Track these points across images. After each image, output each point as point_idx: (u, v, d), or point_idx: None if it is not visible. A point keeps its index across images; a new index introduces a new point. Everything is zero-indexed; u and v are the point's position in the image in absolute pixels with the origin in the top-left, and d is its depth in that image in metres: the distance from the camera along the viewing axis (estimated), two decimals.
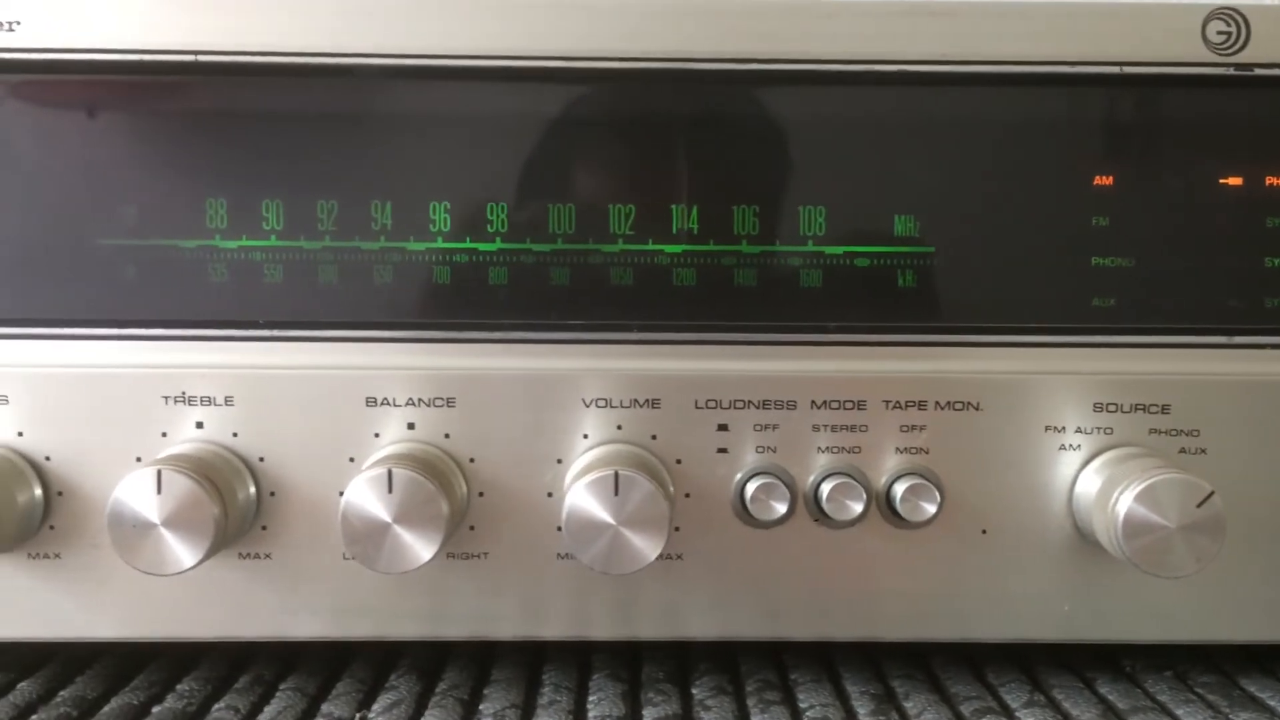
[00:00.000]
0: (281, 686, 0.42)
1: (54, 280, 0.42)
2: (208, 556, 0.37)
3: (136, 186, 0.43)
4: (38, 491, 0.40)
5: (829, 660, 0.45)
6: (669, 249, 0.44)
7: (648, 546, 0.37)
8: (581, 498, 0.37)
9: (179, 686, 0.42)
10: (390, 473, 0.37)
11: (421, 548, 0.37)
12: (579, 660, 0.45)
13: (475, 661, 0.44)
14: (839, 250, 0.44)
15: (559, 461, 0.41)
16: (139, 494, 0.37)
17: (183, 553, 0.37)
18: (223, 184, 0.43)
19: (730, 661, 0.45)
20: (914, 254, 0.43)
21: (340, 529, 0.37)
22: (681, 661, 0.45)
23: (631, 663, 0.44)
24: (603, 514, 0.37)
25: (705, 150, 0.44)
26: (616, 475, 0.37)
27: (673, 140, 0.44)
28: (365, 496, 0.37)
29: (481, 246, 0.44)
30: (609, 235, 0.43)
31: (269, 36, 0.40)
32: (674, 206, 0.44)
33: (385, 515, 0.37)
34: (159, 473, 0.37)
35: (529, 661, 0.45)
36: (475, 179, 0.44)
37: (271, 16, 0.40)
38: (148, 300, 0.42)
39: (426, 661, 0.44)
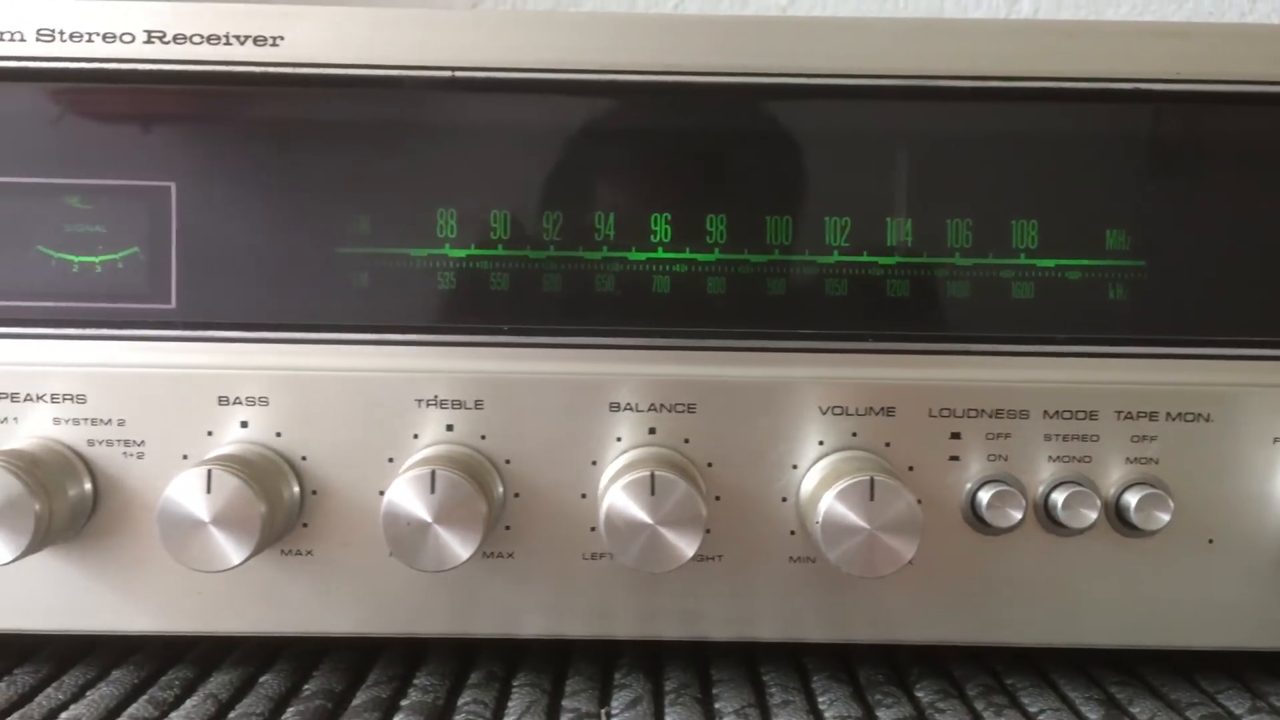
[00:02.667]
0: (515, 683, 0.43)
1: (310, 286, 0.43)
2: (477, 551, 0.38)
3: (373, 197, 0.44)
4: (295, 490, 0.41)
5: (1039, 666, 0.46)
6: (883, 261, 0.45)
7: (904, 549, 0.38)
8: (836, 503, 0.38)
9: (417, 680, 0.43)
10: (653, 476, 0.38)
11: (685, 546, 0.38)
12: (794, 662, 0.46)
13: (693, 661, 0.45)
14: (1051, 263, 0.45)
15: (794, 467, 0.42)
16: (413, 494, 0.38)
17: (458, 548, 0.38)
18: (453, 195, 0.44)
19: (941, 666, 0.46)
20: (1124, 268, 0.44)
21: (604, 530, 0.38)
22: (893, 665, 0.46)
23: (845, 665, 0.45)
24: (859, 519, 0.38)
25: (921, 165, 0.45)
26: (873, 481, 0.38)
27: (892, 155, 0.45)
28: (627, 501, 0.38)
29: (700, 257, 0.45)
30: (824, 247, 0.45)
31: (524, 54, 0.42)
32: (889, 220, 0.45)
33: (648, 517, 0.38)
34: (433, 473, 0.38)
35: (744, 662, 0.46)
36: (695, 192, 0.45)
37: (528, 35, 0.42)
38: (386, 306, 0.44)
39: (644, 661, 0.45)
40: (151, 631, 0.43)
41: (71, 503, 0.40)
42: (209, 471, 0.38)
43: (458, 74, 0.42)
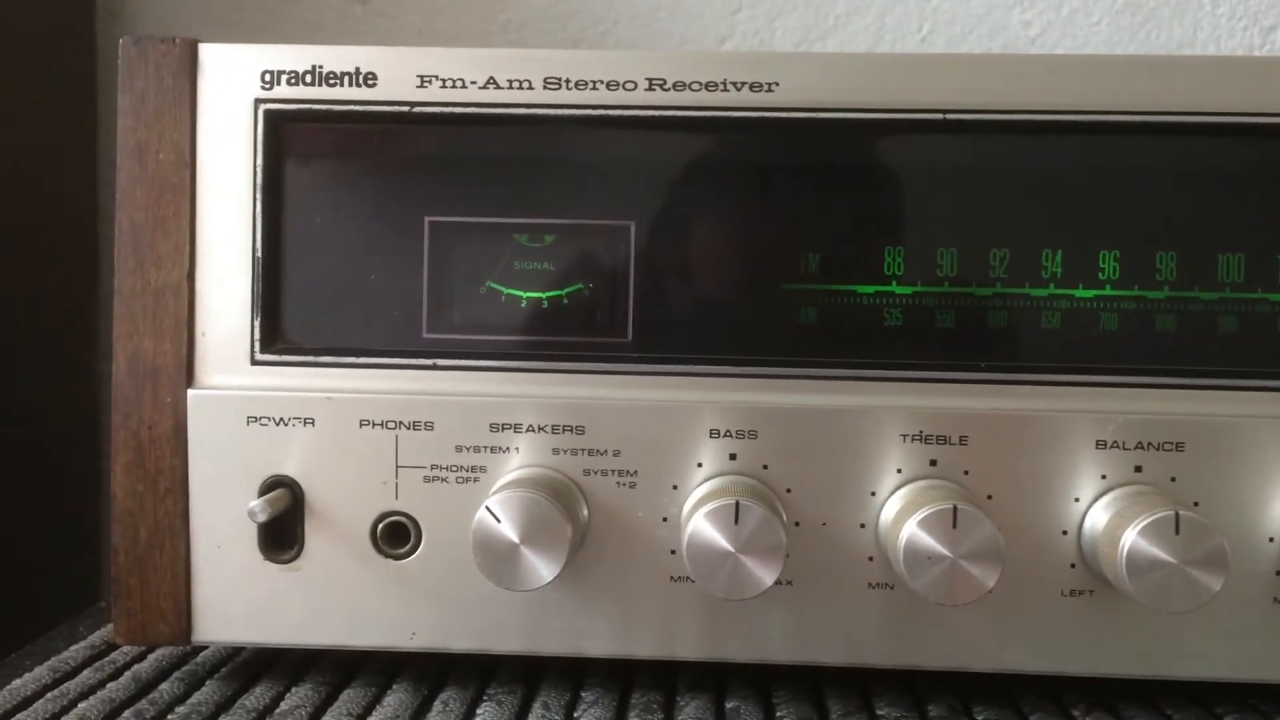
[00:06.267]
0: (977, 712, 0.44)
1: (766, 322, 0.45)
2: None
3: (822, 236, 0.46)
4: (784, 519, 0.42)
5: None
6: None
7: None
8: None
9: (879, 710, 0.44)
10: (1178, 515, 0.38)
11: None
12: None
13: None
14: None
15: None
16: (937, 531, 0.39)
17: (985, 579, 0.39)
18: (901, 233, 0.45)
19: None
20: None
21: (1126, 570, 0.39)
22: None
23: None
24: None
25: None
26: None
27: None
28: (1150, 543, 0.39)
29: (1150, 295, 0.45)
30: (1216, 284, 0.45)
31: (1013, 95, 0.43)
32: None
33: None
34: (955, 508, 0.39)
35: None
36: (1140, 228, 0.45)
37: (1015, 77, 0.43)
38: (836, 342, 0.45)
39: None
40: (623, 655, 0.44)
41: (581, 529, 0.42)
42: (737, 504, 0.39)
43: (948, 115, 0.43)
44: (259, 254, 0.44)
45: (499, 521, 0.40)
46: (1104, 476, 0.42)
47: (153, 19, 0.80)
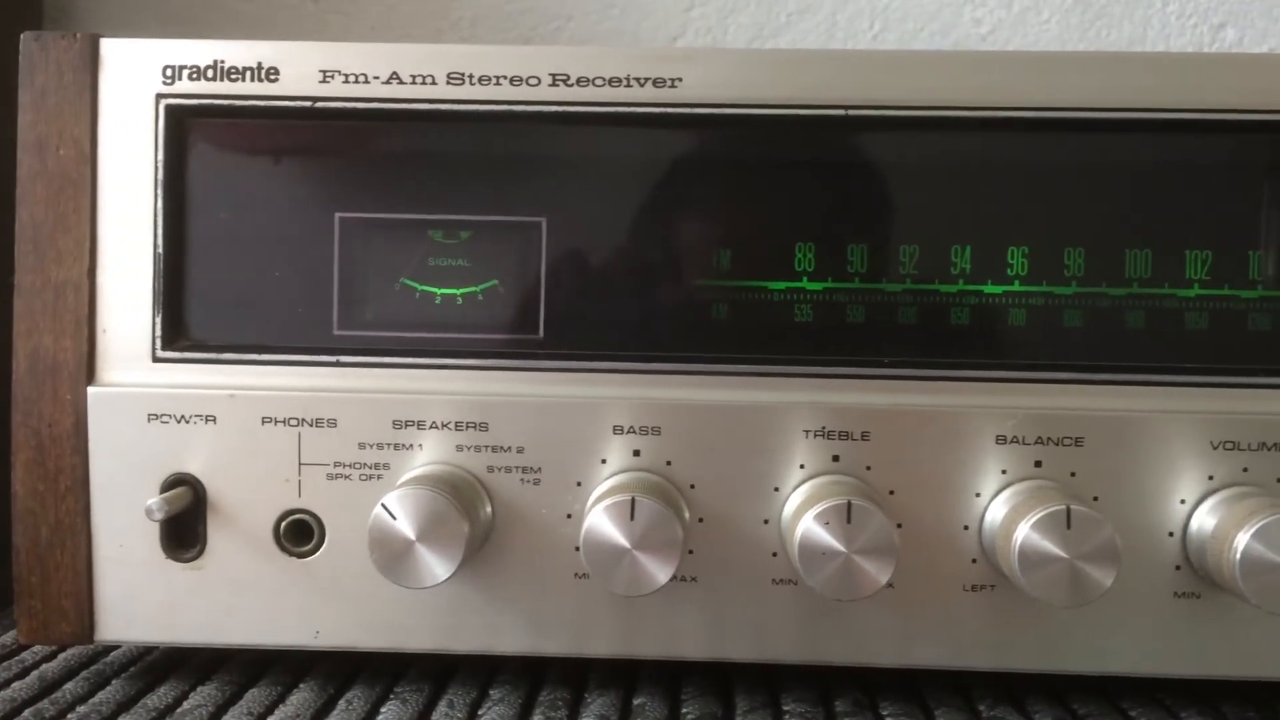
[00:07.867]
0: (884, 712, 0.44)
1: (678, 319, 0.45)
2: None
3: (732, 232, 0.46)
4: (686, 515, 0.42)
5: None
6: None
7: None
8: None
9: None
10: (1069, 509, 0.39)
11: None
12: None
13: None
14: None
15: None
16: (832, 526, 0.39)
17: (879, 575, 0.39)
18: (811, 229, 0.45)
19: None
20: None
21: (1019, 564, 0.39)
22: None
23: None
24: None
25: None
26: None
27: None
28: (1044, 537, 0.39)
29: (1058, 290, 0.45)
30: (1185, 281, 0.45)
31: (915, 92, 0.43)
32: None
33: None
34: (849, 504, 0.39)
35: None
36: (1049, 224, 0.45)
37: (917, 74, 0.43)
38: (748, 338, 0.45)
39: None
40: (533, 653, 0.44)
41: (483, 526, 0.42)
42: (633, 499, 0.39)
43: (850, 112, 0.43)
44: (160, 250, 0.43)
45: (394, 519, 0.40)
46: (1004, 471, 0.42)
47: (103, 18, 0.80)
